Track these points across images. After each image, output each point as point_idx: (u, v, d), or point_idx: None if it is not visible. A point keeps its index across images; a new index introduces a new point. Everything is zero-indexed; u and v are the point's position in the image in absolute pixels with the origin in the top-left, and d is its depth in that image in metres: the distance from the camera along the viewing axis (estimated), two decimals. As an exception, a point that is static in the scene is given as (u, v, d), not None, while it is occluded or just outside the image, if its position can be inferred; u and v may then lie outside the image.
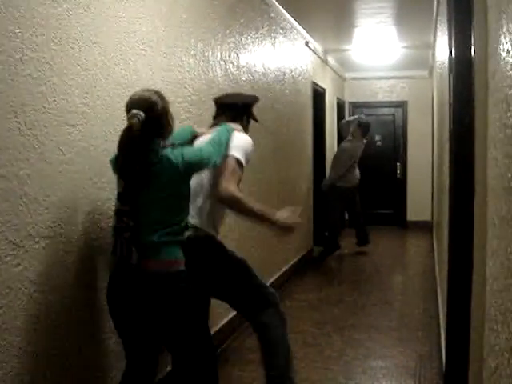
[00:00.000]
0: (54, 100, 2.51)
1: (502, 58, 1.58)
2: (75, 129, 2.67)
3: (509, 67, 1.45)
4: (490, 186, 1.85)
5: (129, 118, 2.49)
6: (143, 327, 2.64)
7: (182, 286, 2.59)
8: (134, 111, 2.48)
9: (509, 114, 1.45)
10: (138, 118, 2.46)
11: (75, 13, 2.65)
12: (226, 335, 4.55)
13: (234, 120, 3.27)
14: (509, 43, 1.44)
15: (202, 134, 3.25)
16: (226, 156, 2.97)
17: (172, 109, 3.55)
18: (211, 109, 4.23)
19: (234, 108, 3.36)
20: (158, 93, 2.63)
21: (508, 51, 1.46)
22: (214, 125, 3.32)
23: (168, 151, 2.55)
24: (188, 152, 2.65)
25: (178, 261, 2.60)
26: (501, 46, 1.59)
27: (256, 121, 3.49)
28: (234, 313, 4.22)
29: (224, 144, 2.92)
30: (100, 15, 2.85)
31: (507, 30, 1.46)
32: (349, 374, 4.06)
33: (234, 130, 3.10)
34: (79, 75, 2.69)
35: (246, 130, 3.34)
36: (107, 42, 2.92)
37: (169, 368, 3.27)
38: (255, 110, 3.47)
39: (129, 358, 2.73)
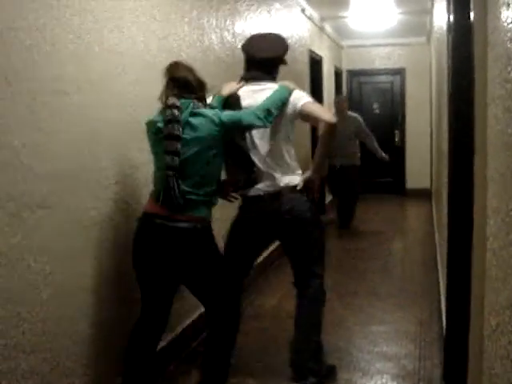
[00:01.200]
0: (47, 68, 2.48)
1: (501, 13, 1.55)
2: (69, 97, 2.63)
3: (509, 21, 1.42)
4: (490, 143, 1.83)
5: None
6: (167, 277, 2.91)
7: (207, 239, 2.91)
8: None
9: (509, 69, 1.42)
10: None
11: (66, -21, 2.60)
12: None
13: (271, 73, 3.38)
14: (508, -4, 1.41)
15: (230, 91, 3.29)
16: (305, 103, 3.24)
17: (167, 76, 3.53)
18: (207, 77, 4.17)
19: (269, 63, 3.38)
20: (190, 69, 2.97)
21: (508, 4, 1.42)
22: (248, 78, 3.36)
23: (205, 110, 2.85)
24: (225, 113, 2.94)
25: (204, 218, 2.87)
26: (500, 1, 1.55)
27: (285, 64, 3.53)
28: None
29: (276, 105, 3.11)
30: (91, -19, 2.80)
31: (507, -18, 1.43)
32: (349, 339, 4.08)
33: (293, 89, 3.28)
34: (72, 43, 2.65)
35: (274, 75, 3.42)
36: (100, 8, 2.87)
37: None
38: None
39: (145, 307, 2.95)
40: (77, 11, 2.68)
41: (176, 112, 2.73)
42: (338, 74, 10.89)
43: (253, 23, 5.41)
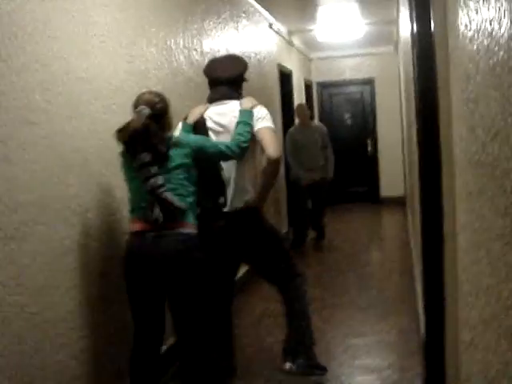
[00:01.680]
0: (14, 98, 2.46)
1: (460, 31, 1.57)
2: (38, 127, 2.62)
3: (467, 41, 1.44)
4: (456, 160, 1.86)
5: (137, 111, 2.86)
6: (157, 292, 2.95)
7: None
8: (142, 106, 2.87)
9: (470, 88, 1.45)
10: (144, 113, 2.83)
11: (30, 7, 2.59)
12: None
13: (236, 91, 3.50)
14: (466, 16, 1.44)
15: (198, 115, 3.43)
16: (260, 129, 3.33)
17: (136, 100, 3.53)
18: (177, 98, 4.20)
19: (234, 81, 3.51)
20: (160, 95, 3.03)
21: (466, 25, 1.45)
22: (212, 99, 3.49)
23: (176, 137, 3.02)
24: (195, 138, 3.10)
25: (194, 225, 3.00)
26: (459, 20, 1.58)
27: (246, 81, 3.67)
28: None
29: (247, 134, 3.25)
30: (55, 9, 2.79)
31: (464, 4, 1.46)
32: (330, 353, 4.07)
33: (252, 112, 3.36)
34: (38, 71, 2.64)
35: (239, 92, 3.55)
36: (65, 36, 2.87)
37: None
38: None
39: (138, 325, 3.02)
40: (42, 39, 2.67)
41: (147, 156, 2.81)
42: (308, 87, 10.96)
43: (221, 41, 5.44)
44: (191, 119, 3.43)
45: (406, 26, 4.46)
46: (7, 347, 2.35)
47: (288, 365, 3.57)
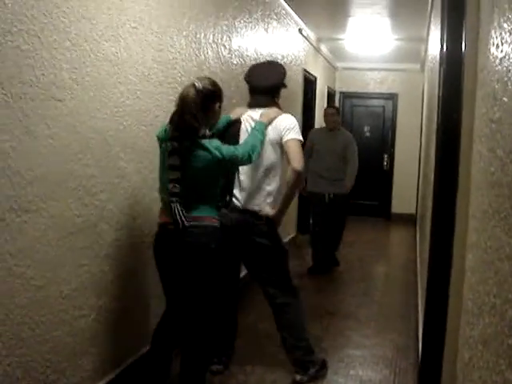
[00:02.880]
0: (42, 74, 2.49)
1: (491, 52, 1.58)
2: (62, 104, 2.64)
3: (497, 61, 1.45)
4: (474, 179, 1.86)
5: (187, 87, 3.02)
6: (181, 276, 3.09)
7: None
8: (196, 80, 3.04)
9: (495, 109, 1.46)
10: (195, 85, 2.97)
11: (67, -14, 2.62)
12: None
13: (273, 98, 3.67)
14: (499, 38, 1.45)
15: (239, 115, 3.67)
16: (288, 140, 3.50)
17: (161, 89, 3.56)
18: (201, 91, 4.22)
19: (271, 90, 3.68)
20: (216, 84, 3.17)
21: (497, 46, 1.46)
22: (251, 105, 3.68)
23: (206, 141, 2.98)
24: (226, 149, 3.08)
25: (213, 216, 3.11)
26: (491, 41, 1.59)
27: (285, 87, 3.83)
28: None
29: (259, 144, 3.36)
30: (92, -10, 2.82)
31: (498, 25, 1.47)
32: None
33: (267, 125, 3.51)
34: (69, 50, 2.67)
35: (278, 104, 3.72)
36: (98, 17, 2.89)
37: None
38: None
39: (168, 302, 3.24)
40: (75, 18, 2.69)
41: (176, 144, 2.95)
42: (330, 95, 10.96)
43: (250, 40, 5.46)
44: (233, 116, 3.70)
45: (435, 45, 4.45)
46: (9, 316, 2.37)
47: (299, 376, 3.73)
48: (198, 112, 2.96)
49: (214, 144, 3.01)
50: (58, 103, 2.61)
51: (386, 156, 11.36)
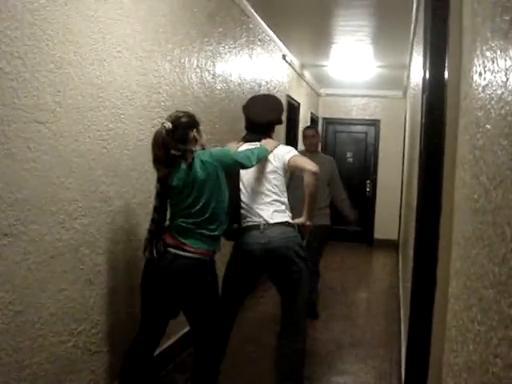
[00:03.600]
0: (25, 96, 2.48)
1: (473, 80, 1.59)
2: (45, 127, 2.63)
3: (480, 89, 1.46)
4: (457, 206, 1.87)
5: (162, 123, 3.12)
6: (173, 301, 3.25)
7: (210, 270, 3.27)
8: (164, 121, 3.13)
9: (478, 136, 1.46)
10: (165, 126, 3.06)
11: (52, 9, 2.62)
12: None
13: (268, 133, 3.79)
14: (481, 66, 1.46)
15: (235, 148, 3.70)
16: (292, 157, 3.64)
17: (145, 112, 3.56)
18: (185, 115, 4.22)
19: (269, 125, 3.82)
20: (187, 112, 3.28)
21: (480, 73, 1.47)
22: (247, 140, 3.76)
23: (199, 153, 3.19)
24: (215, 150, 3.35)
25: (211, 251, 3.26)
26: (473, 69, 1.60)
27: (281, 124, 4.00)
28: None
29: (257, 157, 3.48)
30: (77, 14, 2.82)
31: (480, 53, 1.48)
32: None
33: (269, 151, 3.65)
34: (52, 72, 2.66)
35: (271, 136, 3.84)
36: (83, 41, 2.89)
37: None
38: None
39: (143, 327, 3.28)
40: (59, 41, 2.69)
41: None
42: (314, 121, 11.02)
43: (234, 65, 5.49)
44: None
45: (417, 72, 4.50)
46: (-14, 343, 2.33)
47: None
48: (176, 145, 3.09)
49: (206, 152, 3.22)
50: (40, 126, 2.59)
51: (368, 182, 11.42)
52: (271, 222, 3.55)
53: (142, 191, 3.64)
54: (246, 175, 3.65)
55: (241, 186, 3.66)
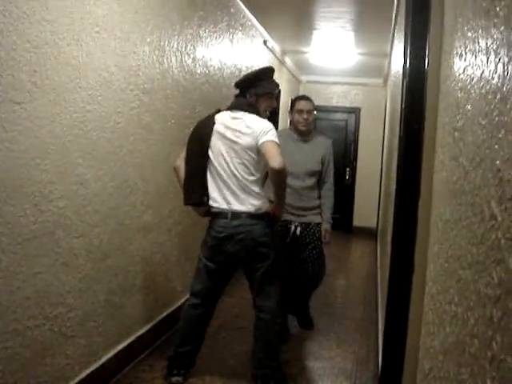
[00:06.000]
0: (0, 75, 2.42)
1: (454, 62, 1.58)
2: (20, 107, 2.58)
3: (461, 70, 1.45)
4: (436, 189, 1.86)
5: None
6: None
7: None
8: None
9: (458, 117, 1.46)
10: None
11: (28, -13, 2.56)
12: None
13: (243, 97, 3.72)
14: (462, 47, 1.45)
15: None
16: (264, 142, 3.49)
17: (123, 95, 3.51)
18: (163, 99, 4.19)
19: (242, 87, 3.75)
20: None
21: (461, 55, 1.46)
22: (229, 107, 3.75)
23: None
24: None
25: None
26: (454, 51, 1.59)
27: (274, 107, 3.90)
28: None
29: None
30: (54, -8, 2.77)
31: (462, 34, 1.47)
32: (286, 373, 4.05)
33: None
34: (28, 52, 2.60)
35: (255, 106, 3.71)
36: (60, 20, 2.83)
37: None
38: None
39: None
40: (36, 20, 2.64)
41: None
42: (294, 108, 10.97)
43: (214, 50, 5.44)
44: None
45: (398, 60, 4.50)
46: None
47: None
48: None
49: None
50: (16, 106, 2.54)
51: (348, 169, 11.44)
52: (239, 210, 3.56)
53: (120, 174, 3.60)
54: (216, 148, 3.63)
55: (211, 156, 3.64)
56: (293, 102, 4.87)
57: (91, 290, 3.38)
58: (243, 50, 6.70)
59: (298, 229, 4.67)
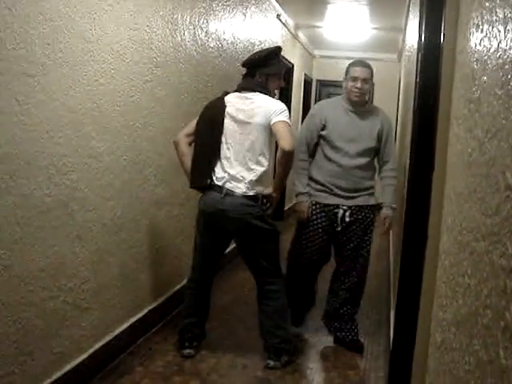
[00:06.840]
0: (14, 48, 2.42)
1: (470, 32, 1.57)
2: (34, 80, 2.58)
3: (477, 41, 1.43)
4: (450, 162, 1.85)
5: None
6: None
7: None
8: None
9: (474, 89, 1.44)
10: None
11: (40, -41, 2.55)
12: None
13: (251, 77, 3.67)
14: (479, 17, 1.43)
15: None
16: (276, 122, 3.49)
17: (136, 68, 3.50)
18: (176, 72, 4.18)
19: (249, 67, 3.70)
20: None
21: (478, 25, 1.44)
22: (238, 88, 3.71)
23: None
24: None
25: None
26: (471, 22, 1.57)
27: (282, 87, 3.96)
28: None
29: None
30: (66, -36, 2.75)
31: (479, 4, 1.45)
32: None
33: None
34: (41, 24, 2.60)
35: (265, 87, 3.68)
36: (73, -7, 2.83)
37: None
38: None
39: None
40: (49, -7, 2.63)
41: None
42: (307, 83, 10.93)
43: (227, 24, 5.40)
44: None
45: (413, 35, 4.45)
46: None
47: (272, 362, 3.70)
48: None
49: None
50: (29, 79, 2.54)
51: (361, 145, 11.36)
52: (235, 191, 3.53)
53: (134, 148, 3.61)
54: (228, 130, 3.60)
55: (223, 139, 3.61)
56: (347, 68, 4.24)
57: (105, 263, 3.40)
58: (256, 23, 6.65)
59: (347, 213, 4.09)
